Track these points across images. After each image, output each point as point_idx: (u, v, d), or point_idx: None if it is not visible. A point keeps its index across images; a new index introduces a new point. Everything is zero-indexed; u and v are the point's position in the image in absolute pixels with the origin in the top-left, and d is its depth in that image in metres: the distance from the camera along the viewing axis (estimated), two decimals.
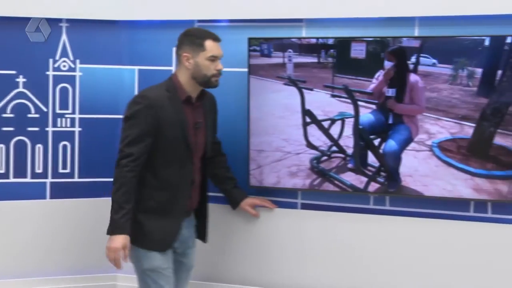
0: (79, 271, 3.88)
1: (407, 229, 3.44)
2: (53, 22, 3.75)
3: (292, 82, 3.51)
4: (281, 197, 3.65)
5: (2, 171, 3.75)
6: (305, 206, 3.62)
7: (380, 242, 3.49)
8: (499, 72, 3.15)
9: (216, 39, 3.19)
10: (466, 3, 3.23)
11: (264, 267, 3.69)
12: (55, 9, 3.70)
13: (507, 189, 3.19)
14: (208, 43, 3.17)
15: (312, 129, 3.54)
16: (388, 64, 3.32)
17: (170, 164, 3.14)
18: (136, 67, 3.82)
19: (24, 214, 3.77)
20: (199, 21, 3.71)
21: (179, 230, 3.17)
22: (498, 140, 3.19)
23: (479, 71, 3.18)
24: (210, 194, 3.46)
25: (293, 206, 3.63)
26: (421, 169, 3.34)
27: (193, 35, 3.18)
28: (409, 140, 3.35)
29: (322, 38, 3.45)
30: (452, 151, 3.29)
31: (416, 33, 3.35)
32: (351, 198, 3.54)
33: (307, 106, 3.52)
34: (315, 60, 3.48)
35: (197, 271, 3.48)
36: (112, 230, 3.07)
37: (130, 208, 3.05)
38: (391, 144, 3.38)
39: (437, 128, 3.30)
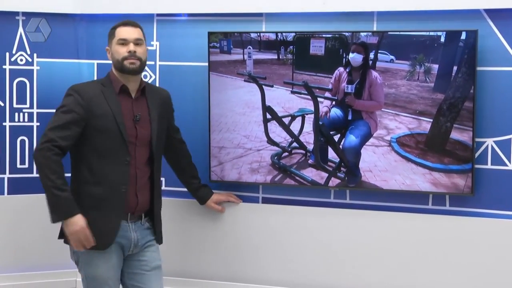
0: (38, 268, 3.95)
1: (367, 222, 3.58)
2: (9, 15, 3.85)
3: (252, 78, 3.65)
4: (242, 191, 3.80)
5: None
6: (266, 200, 3.78)
7: (340, 235, 3.63)
8: (455, 68, 3.33)
9: (126, 24, 3.24)
10: None
11: (227, 261, 3.82)
12: (12, 2, 3.82)
13: (463, 183, 3.39)
14: (118, 29, 3.23)
15: (273, 126, 3.68)
16: (356, 57, 3.47)
17: (104, 157, 3.16)
18: (95, 61, 3.93)
19: None
20: (158, 14, 3.84)
21: (117, 228, 3.18)
22: (455, 135, 3.37)
23: (435, 67, 3.36)
24: (173, 189, 3.67)
25: (254, 200, 3.80)
26: (380, 164, 3.50)
27: (110, 28, 3.27)
28: (368, 135, 3.50)
29: (282, 32, 3.60)
30: (411, 146, 3.45)
31: (375, 28, 3.53)
32: (312, 192, 3.69)
33: (268, 103, 3.66)
34: (275, 56, 3.62)
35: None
36: (65, 213, 3.07)
37: (69, 188, 3.08)
38: (350, 140, 3.54)
39: (396, 124, 3.45)
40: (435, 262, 3.47)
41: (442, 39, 3.33)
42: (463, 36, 3.28)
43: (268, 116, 3.67)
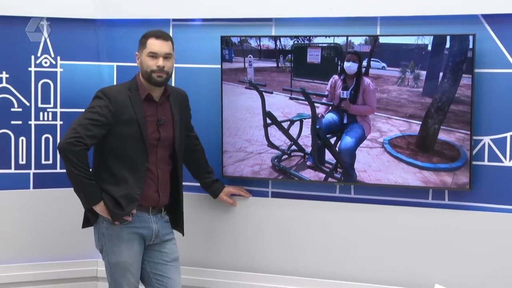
0: (61, 257, 4.14)
1: (371, 215, 3.74)
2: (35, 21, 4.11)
3: (253, 85, 3.88)
4: (253, 186, 3.97)
5: None
6: (275, 195, 3.95)
7: (345, 227, 3.80)
8: (441, 74, 3.54)
9: (158, 37, 3.41)
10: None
11: (238, 252, 3.98)
12: (37, 8, 4.04)
13: (451, 180, 3.57)
14: (150, 41, 3.41)
15: (273, 130, 3.89)
16: (351, 66, 3.64)
17: (123, 162, 3.38)
18: (115, 64, 4.17)
19: (8, 204, 4.06)
20: (174, 20, 4.06)
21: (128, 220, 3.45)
22: (442, 136, 3.58)
23: (423, 73, 3.57)
24: (187, 183, 3.80)
25: (264, 194, 3.97)
26: (374, 165, 3.70)
27: (142, 36, 3.46)
28: (362, 138, 3.72)
29: (290, 36, 3.78)
30: (402, 147, 3.65)
31: (378, 32, 3.71)
32: (319, 187, 3.86)
33: (268, 108, 3.88)
34: (274, 64, 3.82)
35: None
36: (95, 200, 3.35)
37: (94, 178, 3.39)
38: (346, 142, 3.75)
39: (388, 126, 3.65)
40: (435, 252, 3.64)
41: (429, 48, 3.56)
42: (448, 45, 3.49)
43: (268, 121, 3.86)
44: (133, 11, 4.03)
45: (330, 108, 3.74)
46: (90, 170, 3.37)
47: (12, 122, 4.02)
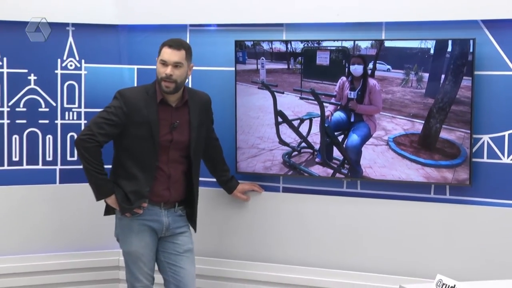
0: (86, 248, 4.29)
1: (376, 209, 3.84)
2: (61, 26, 4.21)
3: (265, 86, 3.99)
4: (265, 181, 4.09)
5: (16, 159, 4.17)
6: (286, 190, 4.07)
7: (352, 220, 3.90)
8: (443, 76, 3.63)
9: (170, 46, 3.50)
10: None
11: (251, 243, 4.09)
12: (63, 15, 4.18)
13: (451, 176, 3.67)
14: (163, 49, 3.52)
15: (284, 128, 3.99)
16: (358, 68, 3.76)
17: (134, 159, 3.51)
18: (135, 66, 4.30)
19: (36, 197, 4.21)
20: (191, 25, 4.20)
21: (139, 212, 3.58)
22: (444, 134, 3.67)
23: (426, 75, 3.67)
24: (204, 179, 3.93)
25: (275, 189, 4.09)
26: (379, 161, 3.81)
27: (162, 43, 3.57)
28: (368, 136, 3.82)
29: (300, 40, 3.90)
30: (406, 145, 3.74)
31: (383, 37, 3.80)
32: (327, 183, 3.96)
33: (279, 107, 3.98)
34: (285, 66, 3.93)
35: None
36: (105, 193, 3.52)
37: (106, 173, 3.53)
38: (353, 140, 3.85)
39: (392, 125, 3.75)
40: (437, 244, 3.73)
41: (432, 51, 3.65)
42: (449, 48, 3.59)
43: (280, 119, 3.97)
44: (153, 17, 4.14)
45: (338, 107, 3.84)
46: (105, 165, 3.49)
47: (40, 121, 4.16)
